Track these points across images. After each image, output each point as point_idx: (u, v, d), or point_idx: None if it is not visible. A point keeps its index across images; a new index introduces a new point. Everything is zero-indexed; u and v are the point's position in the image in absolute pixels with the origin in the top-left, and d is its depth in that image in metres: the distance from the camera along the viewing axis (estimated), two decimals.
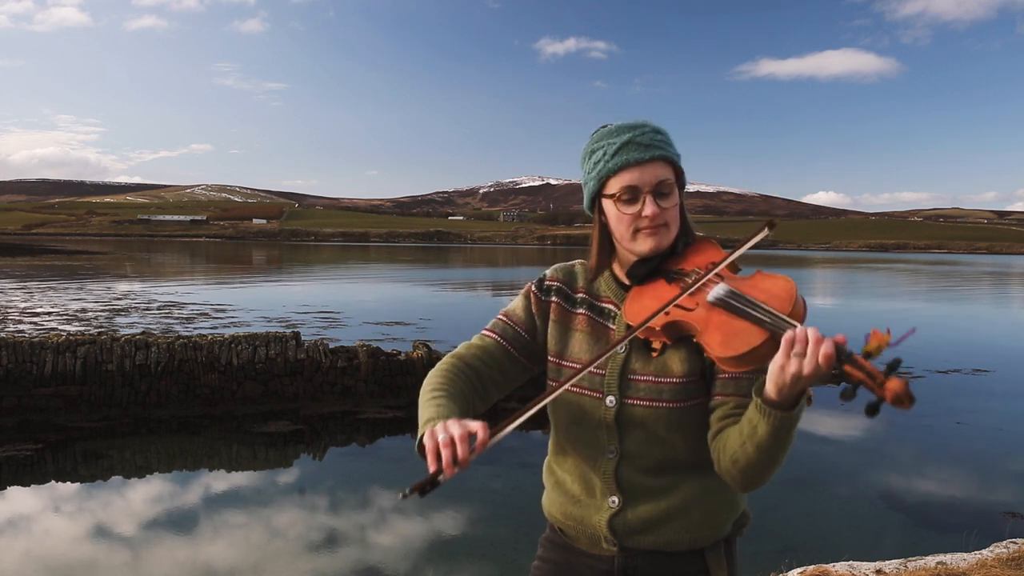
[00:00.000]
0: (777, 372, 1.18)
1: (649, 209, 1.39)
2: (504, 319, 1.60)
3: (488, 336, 1.59)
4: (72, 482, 8.18)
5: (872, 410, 1.11)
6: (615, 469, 1.43)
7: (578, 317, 1.53)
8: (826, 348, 1.14)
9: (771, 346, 1.21)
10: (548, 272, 1.62)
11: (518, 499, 7.55)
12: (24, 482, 8.07)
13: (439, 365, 1.59)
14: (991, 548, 4.75)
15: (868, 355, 1.14)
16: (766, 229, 1.34)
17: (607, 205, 1.46)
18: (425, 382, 1.57)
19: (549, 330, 1.55)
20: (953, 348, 17.78)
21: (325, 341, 12.14)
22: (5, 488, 7.87)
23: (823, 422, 10.90)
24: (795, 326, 1.19)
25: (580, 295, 1.55)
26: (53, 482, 8.15)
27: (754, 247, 1.37)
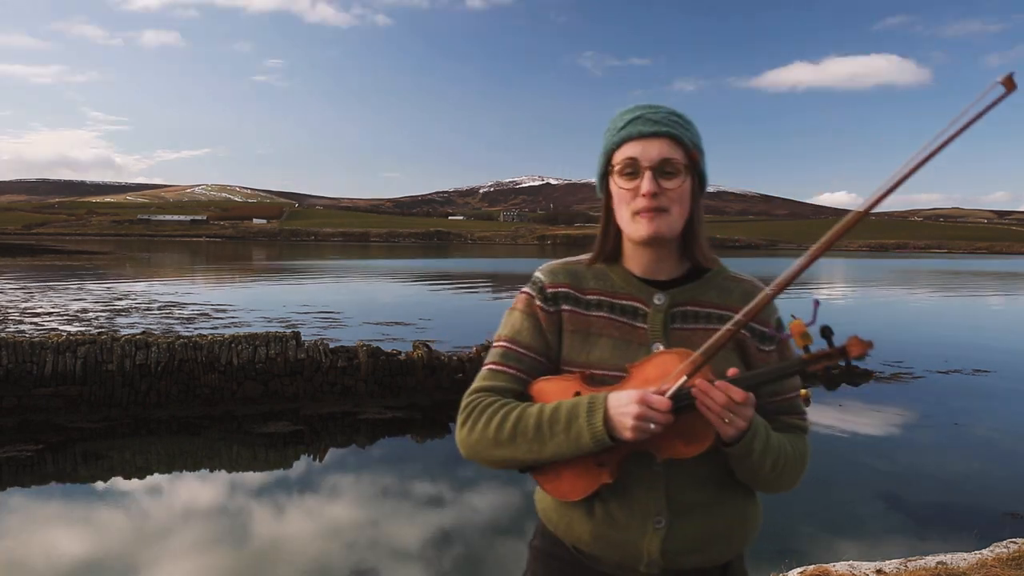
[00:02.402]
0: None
1: (646, 185, 1.31)
2: (511, 347, 1.42)
3: (500, 372, 1.41)
4: (72, 483, 8.19)
5: (861, 376, 1.21)
6: (665, 486, 1.34)
7: (598, 320, 1.40)
8: (718, 397, 1.22)
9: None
10: (544, 278, 1.44)
11: (519, 500, 7.55)
12: (24, 483, 8.06)
13: (482, 402, 1.38)
14: (991, 548, 4.75)
15: (807, 348, 1.22)
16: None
17: (612, 184, 1.38)
18: (489, 422, 1.35)
19: (565, 342, 1.41)
20: (953, 348, 17.78)
21: (325, 341, 12.14)
22: (5, 488, 7.87)
23: (823, 422, 10.90)
24: (691, 389, 1.24)
25: (593, 296, 1.42)
26: (53, 483, 8.15)
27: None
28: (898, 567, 4.38)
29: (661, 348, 1.35)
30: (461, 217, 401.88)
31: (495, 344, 1.45)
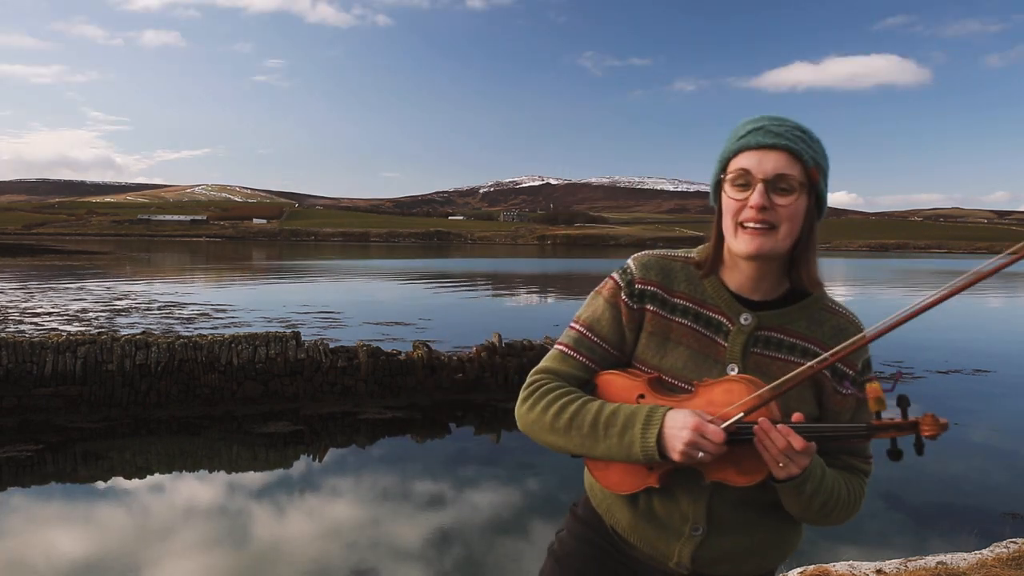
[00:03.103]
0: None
1: (756, 198, 1.26)
2: (587, 334, 1.41)
3: (571, 357, 1.41)
4: (72, 483, 8.19)
5: (918, 449, 1.21)
6: (708, 499, 1.35)
7: (679, 327, 1.37)
8: (778, 441, 1.21)
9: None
10: (637, 270, 1.40)
11: (520, 500, 7.55)
12: (24, 483, 8.06)
13: (547, 384, 1.38)
14: (991, 548, 4.75)
15: (879, 414, 1.20)
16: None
17: (723, 193, 1.33)
18: (548, 407, 1.35)
19: (642, 340, 1.39)
20: (953, 348, 17.79)
21: (325, 341, 12.14)
22: (5, 489, 7.87)
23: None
24: (752, 425, 1.23)
25: (680, 300, 1.38)
26: (53, 483, 8.15)
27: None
28: (898, 567, 4.38)
29: (736, 369, 1.33)
30: (461, 217, 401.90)
31: (572, 325, 1.44)
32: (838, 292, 38.05)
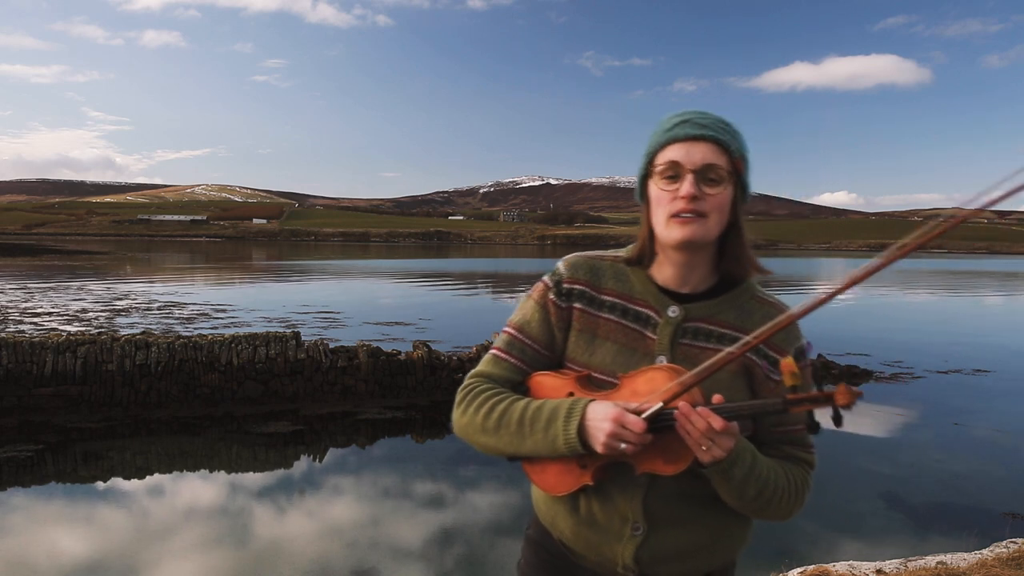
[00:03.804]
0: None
1: (686, 188, 1.28)
2: (518, 336, 1.42)
3: (503, 360, 1.42)
4: (72, 483, 8.19)
5: (836, 421, 1.20)
6: (644, 496, 1.34)
7: (606, 323, 1.38)
8: (697, 423, 1.20)
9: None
10: (565, 271, 1.42)
11: (520, 500, 7.55)
12: (24, 483, 8.06)
13: (479, 387, 1.41)
14: (991, 548, 4.75)
15: (795, 388, 1.21)
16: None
17: (652, 186, 1.35)
18: (479, 409, 1.37)
19: (571, 340, 1.40)
20: (953, 348, 17.79)
21: (325, 341, 12.14)
22: (5, 489, 7.87)
23: (821, 422, 10.90)
24: (673, 412, 1.23)
25: (608, 297, 1.39)
26: (53, 483, 8.15)
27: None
28: (898, 567, 4.38)
29: (664, 361, 1.33)
30: (461, 217, 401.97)
31: (504, 329, 1.45)
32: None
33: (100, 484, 8.08)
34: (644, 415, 1.23)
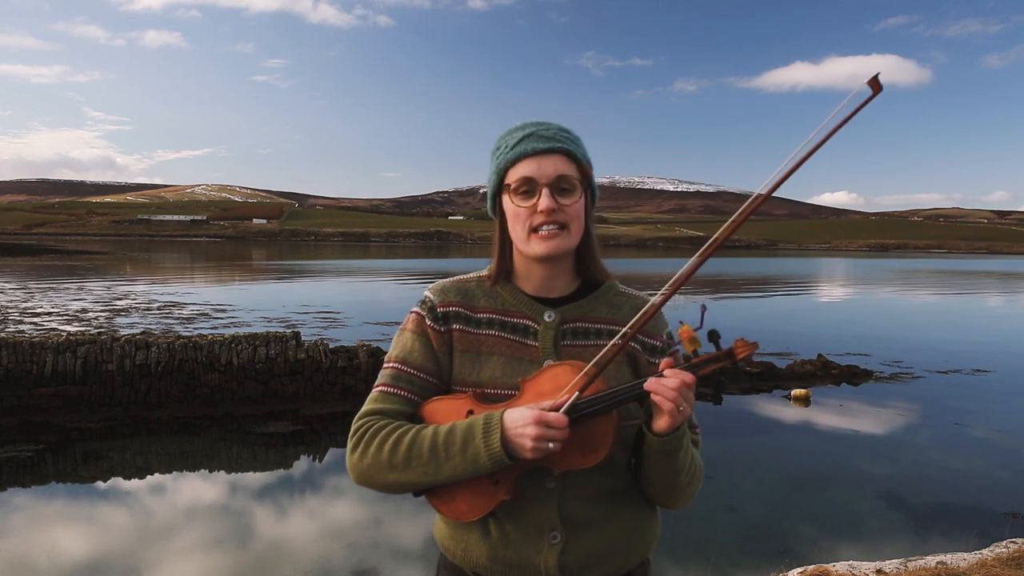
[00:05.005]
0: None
1: (544, 202, 1.31)
2: (403, 368, 1.39)
3: (391, 394, 1.37)
4: (73, 483, 8.19)
5: (738, 377, 1.24)
6: (558, 501, 1.33)
7: (488, 339, 1.39)
8: (671, 384, 1.21)
9: (612, 423, 1.29)
10: (434, 297, 1.42)
11: None
12: (25, 483, 8.06)
13: (374, 425, 1.33)
14: (991, 548, 4.75)
15: (696, 352, 1.24)
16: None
17: (506, 202, 1.37)
18: (381, 446, 1.30)
19: (456, 361, 1.39)
20: (953, 348, 17.79)
21: (325, 341, 12.14)
22: (6, 489, 7.87)
23: (822, 422, 10.91)
24: (586, 402, 1.25)
25: (484, 314, 1.40)
26: (54, 483, 8.15)
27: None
28: (898, 567, 4.38)
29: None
30: (461, 217, 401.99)
31: (385, 366, 1.41)
32: (836, 292, 38.10)
33: (100, 484, 8.08)
34: (563, 409, 1.24)
